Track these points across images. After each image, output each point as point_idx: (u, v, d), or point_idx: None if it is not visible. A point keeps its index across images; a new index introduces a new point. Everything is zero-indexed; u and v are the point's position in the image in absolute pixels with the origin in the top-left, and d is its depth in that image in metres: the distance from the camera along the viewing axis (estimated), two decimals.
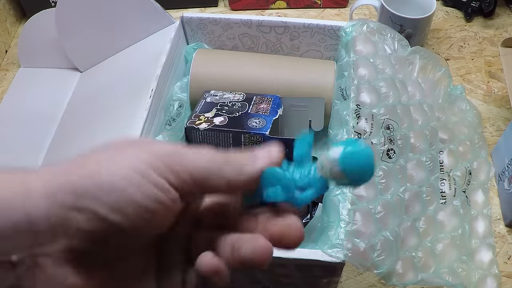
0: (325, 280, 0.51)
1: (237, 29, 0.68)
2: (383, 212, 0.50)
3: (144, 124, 0.57)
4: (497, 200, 0.66)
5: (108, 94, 0.67)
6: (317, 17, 0.90)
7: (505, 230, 0.63)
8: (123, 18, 0.70)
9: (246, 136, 0.55)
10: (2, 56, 0.85)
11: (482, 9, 0.86)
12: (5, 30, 0.86)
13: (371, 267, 0.47)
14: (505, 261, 0.61)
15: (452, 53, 0.83)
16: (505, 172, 0.64)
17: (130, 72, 0.67)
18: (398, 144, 0.55)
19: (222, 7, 0.92)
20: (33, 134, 0.70)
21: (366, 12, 0.90)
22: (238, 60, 0.67)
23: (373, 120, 0.54)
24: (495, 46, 0.84)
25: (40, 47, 0.78)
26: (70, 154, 0.25)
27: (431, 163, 0.59)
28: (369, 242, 0.47)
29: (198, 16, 0.68)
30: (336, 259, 0.45)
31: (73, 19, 0.71)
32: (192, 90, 0.65)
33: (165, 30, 0.68)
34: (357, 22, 0.63)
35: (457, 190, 0.62)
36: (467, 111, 0.70)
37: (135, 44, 0.71)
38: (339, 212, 0.48)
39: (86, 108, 0.69)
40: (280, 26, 0.67)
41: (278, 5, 0.90)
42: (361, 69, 0.58)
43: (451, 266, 0.56)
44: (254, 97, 0.61)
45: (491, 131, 0.73)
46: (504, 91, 0.77)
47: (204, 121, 0.56)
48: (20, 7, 0.90)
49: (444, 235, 0.58)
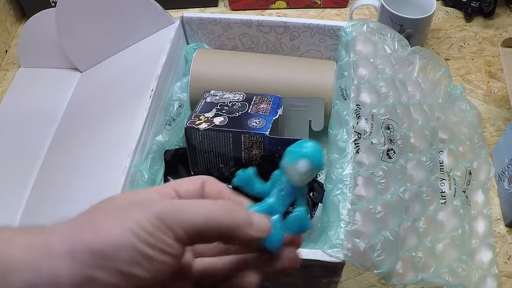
0: (325, 280, 0.51)
1: (237, 29, 0.68)
2: (383, 212, 0.50)
3: (144, 124, 0.57)
4: (497, 200, 0.66)
5: (108, 94, 0.67)
6: (317, 17, 0.90)
7: (505, 230, 0.63)
8: (123, 18, 0.70)
9: (246, 136, 0.55)
10: (2, 56, 0.85)
11: (482, 9, 0.86)
12: (5, 30, 0.86)
13: (371, 267, 0.47)
14: (505, 261, 0.61)
15: (452, 53, 0.83)
16: (505, 172, 0.64)
17: (130, 72, 0.67)
18: (398, 144, 0.55)
19: (222, 7, 0.92)
20: (33, 134, 0.70)
21: (366, 12, 0.90)
22: (238, 60, 0.67)
23: (373, 120, 0.54)
24: (495, 46, 0.84)
25: (40, 47, 0.78)
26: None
27: (431, 163, 0.59)
28: (369, 242, 0.47)
29: (198, 16, 0.68)
30: (336, 259, 0.45)
31: (73, 19, 0.71)
32: (192, 90, 0.65)
33: (165, 30, 0.68)
34: (357, 22, 0.63)
35: (457, 190, 0.62)
36: (467, 111, 0.70)
37: (135, 44, 0.71)
38: (339, 212, 0.48)
39: (86, 108, 0.69)
40: (280, 26, 0.67)
41: (278, 5, 0.90)
42: (361, 69, 0.58)
43: (451, 266, 0.56)
44: (254, 97, 0.61)
45: (491, 131, 0.73)
46: (504, 91, 0.77)
47: (204, 121, 0.56)
48: (20, 7, 0.90)
49: (444, 235, 0.58)
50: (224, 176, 0.60)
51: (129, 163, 0.54)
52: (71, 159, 0.62)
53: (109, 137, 0.59)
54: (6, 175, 0.66)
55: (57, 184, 0.60)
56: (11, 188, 0.64)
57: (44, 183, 0.63)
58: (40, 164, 0.66)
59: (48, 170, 0.64)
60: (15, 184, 0.64)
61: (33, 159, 0.66)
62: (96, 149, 0.60)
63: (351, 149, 0.51)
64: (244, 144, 0.56)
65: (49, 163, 0.65)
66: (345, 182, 0.49)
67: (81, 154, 0.61)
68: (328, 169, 0.54)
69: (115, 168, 0.54)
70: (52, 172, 0.63)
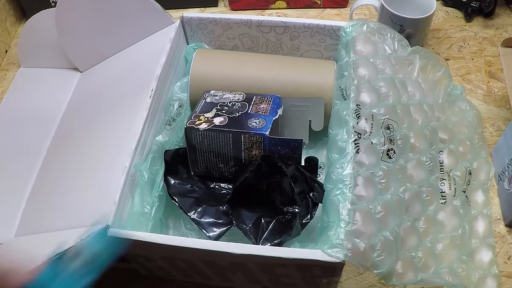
0: (325, 280, 0.51)
1: (237, 29, 0.68)
2: (383, 212, 0.50)
3: (144, 124, 0.57)
4: (497, 200, 0.66)
5: (108, 94, 0.67)
6: (317, 17, 0.90)
7: (505, 230, 0.63)
8: (123, 18, 0.70)
9: (246, 136, 0.55)
10: (2, 56, 0.85)
11: (482, 9, 0.86)
12: (5, 30, 0.86)
13: (371, 267, 0.47)
14: (505, 261, 0.61)
15: (452, 53, 0.83)
16: (505, 172, 0.64)
17: (130, 72, 0.67)
18: (398, 144, 0.55)
19: (222, 7, 0.92)
20: (33, 134, 0.70)
21: (366, 12, 0.90)
22: (238, 60, 0.67)
23: (373, 120, 0.54)
24: (495, 46, 0.84)
25: (40, 47, 0.78)
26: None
27: (431, 163, 0.59)
28: (369, 242, 0.47)
29: (198, 16, 0.68)
30: (336, 259, 0.45)
31: (73, 19, 0.71)
32: (192, 90, 0.65)
33: (165, 30, 0.68)
34: (357, 22, 0.63)
35: (457, 190, 0.62)
36: (467, 111, 0.70)
37: (135, 44, 0.71)
38: (339, 212, 0.48)
39: (86, 108, 0.69)
40: (280, 26, 0.67)
41: (278, 5, 0.90)
42: (361, 69, 0.58)
43: (451, 266, 0.56)
44: (254, 97, 0.61)
45: (491, 131, 0.73)
46: (504, 91, 0.77)
47: (204, 121, 0.56)
48: (20, 7, 0.90)
49: (444, 235, 0.58)
50: (224, 176, 0.60)
51: (129, 163, 0.54)
52: (71, 159, 0.62)
53: (109, 137, 0.59)
54: (6, 175, 0.66)
55: (57, 184, 0.61)
56: (11, 188, 0.64)
57: (44, 183, 0.63)
58: (40, 164, 0.66)
59: (48, 170, 0.64)
60: (15, 184, 0.64)
61: (33, 159, 0.66)
62: (96, 149, 0.60)
63: (351, 149, 0.51)
64: (244, 144, 0.56)
65: (49, 163, 0.65)
66: (345, 182, 0.49)
67: (81, 154, 0.61)
68: (328, 169, 0.54)
69: (115, 168, 0.54)
70: (52, 172, 0.63)
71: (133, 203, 0.54)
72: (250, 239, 0.54)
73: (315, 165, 0.58)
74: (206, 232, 0.55)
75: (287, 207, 0.55)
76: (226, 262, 0.51)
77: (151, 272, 0.59)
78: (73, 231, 0.48)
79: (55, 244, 0.45)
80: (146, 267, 0.57)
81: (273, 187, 0.55)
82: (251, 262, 0.49)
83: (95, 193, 0.54)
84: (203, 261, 0.51)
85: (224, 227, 0.55)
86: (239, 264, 0.51)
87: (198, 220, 0.56)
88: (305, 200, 0.54)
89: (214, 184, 0.61)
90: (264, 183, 0.56)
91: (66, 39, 0.73)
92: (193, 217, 0.56)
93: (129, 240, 0.48)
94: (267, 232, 0.54)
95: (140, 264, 0.56)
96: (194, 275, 0.57)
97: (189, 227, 0.60)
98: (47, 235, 0.53)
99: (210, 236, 0.54)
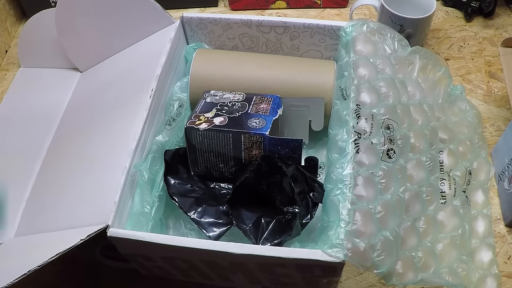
0: (325, 280, 0.51)
1: (237, 29, 0.68)
2: (383, 212, 0.50)
3: (144, 124, 0.57)
4: (497, 200, 0.66)
5: (108, 94, 0.67)
6: (317, 17, 0.90)
7: (505, 230, 0.63)
8: (123, 18, 0.70)
9: (246, 136, 0.55)
10: (2, 56, 0.85)
11: (482, 9, 0.86)
12: (5, 30, 0.86)
13: (371, 267, 0.47)
14: (505, 261, 0.61)
15: (452, 53, 0.83)
16: (505, 172, 0.64)
17: (130, 72, 0.67)
18: (398, 144, 0.55)
19: (222, 7, 0.92)
20: (33, 134, 0.70)
21: (366, 12, 0.90)
22: (238, 60, 0.67)
23: (373, 120, 0.54)
24: (495, 46, 0.84)
25: (40, 47, 0.78)
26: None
27: (431, 163, 0.59)
28: (369, 242, 0.47)
29: (198, 16, 0.68)
30: (336, 259, 0.45)
31: (73, 19, 0.71)
32: (192, 90, 0.65)
33: (165, 30, 0.68)
34: (357, 22, 0.63)
35: (457, 190, 0.62)
36: (467, 111, 0.70)
37: (135, 44, 0.71)
38: (339, 212, 0.48)
39: (86, 108, 0.69)
40: (280, 26, 0.67)
41: (278, 5, 0.90)
42: (361, 69, 0.58)
43: (451, 266, 0.56)
44: (254, 97, 0.61)
45: (491, 131, 0.73)
46: (504, 91, 0.77)
47: (204, 121, 0.56)
48: (20, 7, 0.90)
49: (444, 235, 0.58)
50: (224, 176, 0.60)
51: (129, 163, 0.54)
52: (71, 159, 0.62)
53: (109, 137, 0.59)
54: (6, 175, 0.66)
55: (57, 184, 0.61)
56: (11, 188, 0.64)
57: (44, 183, 0.63)
58: (40, 164, 0.66)
59: (48, 170, 0.64)
60: (15, 184, 0.64)
61: (33, 159, 0.66)
62: (96, 149, 0.60)
63: (351, 149, 0.51)
64: (244, 144, 0.56)
65: (49, 163, 0.65)
66: (345, 182, 0.49)
67: (81, 154, 0.61)
68: (328, 169, 0.54)
69: (115, 168, 0.54)
70: (52, 172, 0.63)
71: (133, 203, 0.54)
72: (250, 239, 0.54)
73: (315, 165, 0.58)
74: (206, 232, 0.55)
75: (287, 207, 0.55)
76: (226, 262, 0.51)
77: (151, 272, 0.59)
78: (73, 231, 0.48)
79: (55, 244, 0.45)
80: (146, 267, 0.57)
81: (273, 187, 0.55)
82: (251, 262, 0.49)
83: (95, 193, 0.54)
84: (203, 261, 0.51)
85: (224, 227, 0.55)
86: (239, 264, 0.51)
87: (198, 220, 0.56)
88: (305, 200, 0.54)
89: (214, 184, 0.61)
90: (264, 183, 0.56)
91: (66, 39, 0.73)
92: (193, 217, 0.56)
93: (129, 240, 0.48)
94: (267, 232, 0.54)
95: (140, 264, 0.56)
96: (194, 275, 0.57)
97: (189, 227, 0.60)
98: (47, 235, 0.54)
99: (210, 236, 0.55)
